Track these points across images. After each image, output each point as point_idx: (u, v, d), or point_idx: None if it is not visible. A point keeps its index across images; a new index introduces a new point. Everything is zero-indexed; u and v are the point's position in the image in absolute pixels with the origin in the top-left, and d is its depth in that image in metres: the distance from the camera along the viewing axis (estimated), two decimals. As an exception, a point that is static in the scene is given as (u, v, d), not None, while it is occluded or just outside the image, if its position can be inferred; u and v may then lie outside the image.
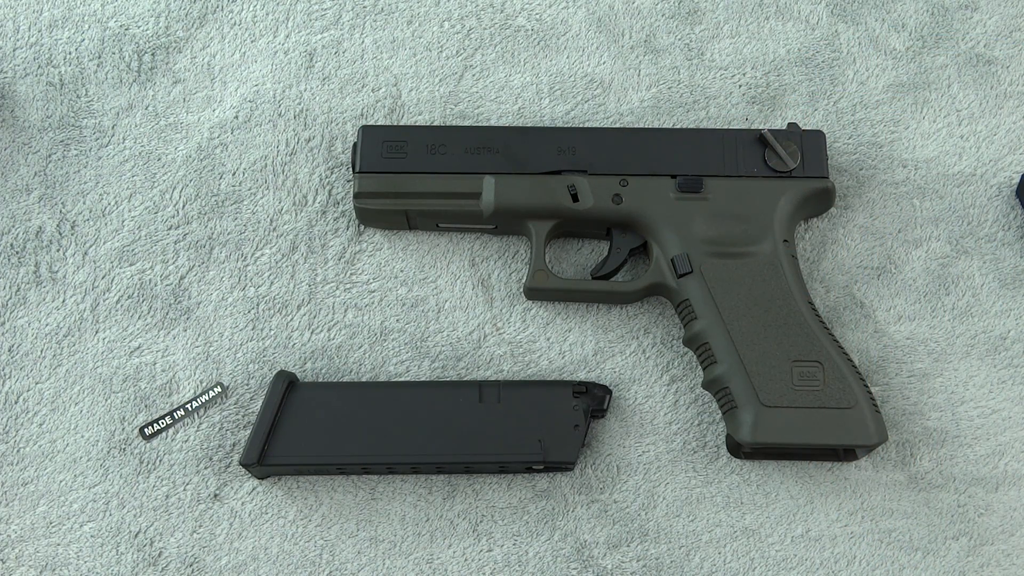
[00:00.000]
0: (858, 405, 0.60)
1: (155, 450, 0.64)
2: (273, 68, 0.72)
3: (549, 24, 0.73)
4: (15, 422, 0.65)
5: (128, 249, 0.68)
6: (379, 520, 0.63)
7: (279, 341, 0.66)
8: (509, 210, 0.65)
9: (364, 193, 0.65)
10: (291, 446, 0.61)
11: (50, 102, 0.71)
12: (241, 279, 0.68)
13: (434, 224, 0.67)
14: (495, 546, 0.63)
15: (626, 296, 0.65)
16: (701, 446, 0.64)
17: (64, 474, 0.64)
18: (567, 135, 0.66)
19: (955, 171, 0.69)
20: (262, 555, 0.63)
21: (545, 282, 0.65)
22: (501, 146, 0.66)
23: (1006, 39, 0.72)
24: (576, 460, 0.61)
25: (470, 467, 0.62)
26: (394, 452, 0.61)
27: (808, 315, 0.62)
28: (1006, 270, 0.67)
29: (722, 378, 0.61)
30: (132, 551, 0.63)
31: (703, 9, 0.73)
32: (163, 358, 0.66)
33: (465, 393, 0.63)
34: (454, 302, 0.67)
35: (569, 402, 0.62)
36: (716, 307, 0.62)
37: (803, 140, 0.66)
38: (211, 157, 0.70)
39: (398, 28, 0.73)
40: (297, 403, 0.62)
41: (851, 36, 0.72)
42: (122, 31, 0.73)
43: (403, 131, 0.67)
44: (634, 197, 0.65)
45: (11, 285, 0.67)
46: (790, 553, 0.62)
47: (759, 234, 0.64)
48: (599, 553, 0.62)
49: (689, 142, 0.66)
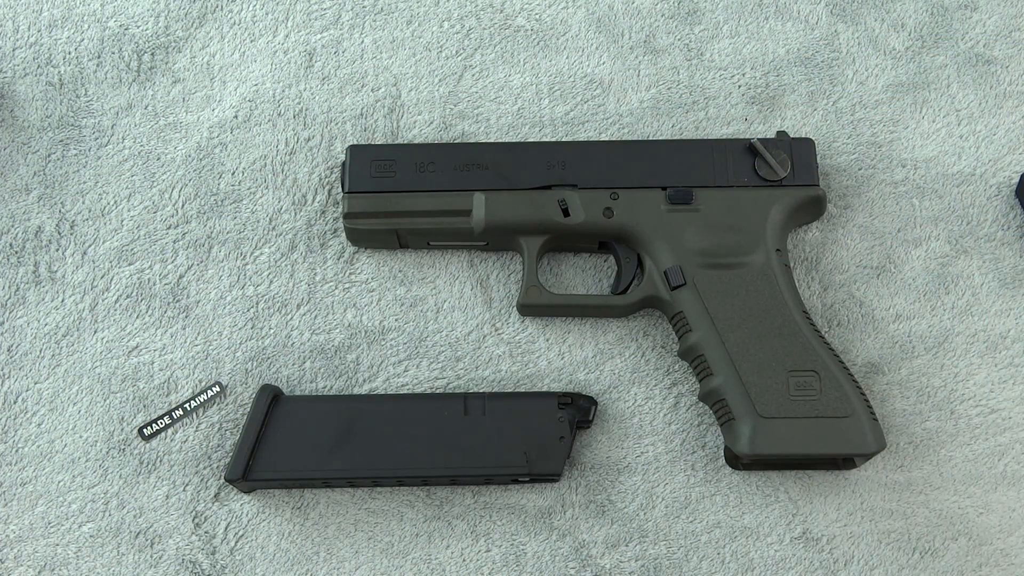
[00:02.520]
0: (855, 414, 0.60)
1: (154, 450, 0.64)
2: (273, 68, 0.72)
3: (549, 24, 0.73)
4: (14, 422, 0.65)
5: (127, 248, 0.68)
6: (377, 520, 0.63)
7: (278, 340, 0.66)
8: (500, 226, 0.65)
9: (354, 213, 0.65)
10: (276, 460, 0.61)
11: (49, 102, 0.71)
12: (240, 278, 0.68)
13: (425, 242, 0.67)
14: (493, 546, 0.63)
15: (620, 310, 0.65)
16: (700, 447, 0.64)
17: (63, 474, 0.64)
18: (556, 149, 0.66)
19: (954, 171, 0.69)
20: (260, 555, 0.63)
21: (538, 298, 0.65)
22: (490, 162, 0.66)
23: (1005, 39, 0.72)
24: (562, 472, 0.61)
25: (456, 479, 0.62)
26: (379, 465, 0.61)
27: (803, 324, 0.62)
28: (1006, 269, 0.67)
29: (718, 390, 0.61)
30: (132, 551, 0.63)
31: (702, 9, 0.73)
32: (161, 357, 0.66)
33: (450, 405, 0.63)
34: (453, 302, 0.67)
35: (555, 413, 0.62)
36: (710, 319, 0.62)
37: (792, 148, 0.66)
38: (210, 156, 0.70)
39: (398, 28, 0.73)
40: (281, 417, 0.62)
41: (850, 36, 0.72)
42: (122, 31, 0.73)
43: (392, 149, 0.66)
44: (625, 210, 0.65)
45: (10, 285, 0.67)
46: (789, 553, 0.62)
47: (751, 244, 0.64)
48: (598, 553, 0.62)
49: (679, 153, 0.66)
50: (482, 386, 0.66)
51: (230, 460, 0.62)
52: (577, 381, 0.66)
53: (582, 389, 0.66)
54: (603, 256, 0.69)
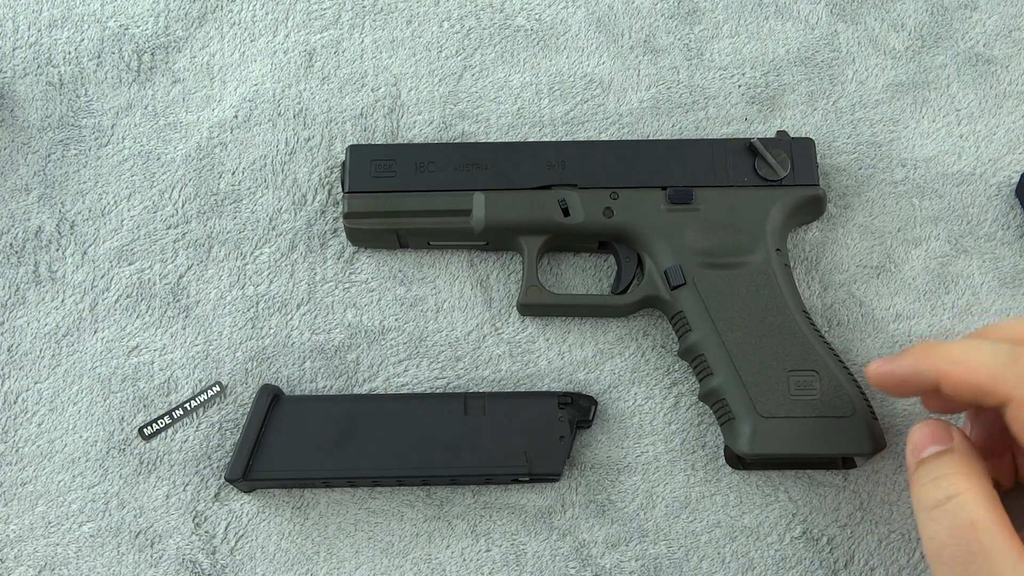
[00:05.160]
0: (856, 413, 0.60)
1: (154, 450, 0.64)
2: (272, 68, 0.72)
3: (549, 24, 0.73)
4: (14, 422, 0.65)
5: (127, 248, 0.68)
6: (377, 520, 0.63)
7: (278, 340, 0.66)
8: (500, 226, 0.65)
9: (354, 213, 0.65)
10: (276, 460, 0.61)
11: (49, 102, 0.71)
12: (240, 278, 0.68)
13: (425, 242, 0.67)
14: (493, 546, 0.63)
15: (620, 310, 0.65)
16: (700, 446, 0.64)
17: (63, 474, 0.64)
18: (556, 149, 0.66)
19: (954, 170, 0.69)
20: (260, 554, 0.63)
21: (538, 298, 0.65)
22: (490, 162, 0.66)
23: (1005, 39, 0.72)
24: (562, 472, 0.61)
25: (456, 479, 0.62)
26: (379, 465, 0.61)
27: (803, 324, 0.62)
28: (1006, 269, 0.67)
29: (718, 390, 0.61)
30: (132, 551, 0.63)
31: (702, 9, 0.73)
32: (161, 357, 0.66)
33: (450, 405, 0.63)
34: (453, 302, 0.67)
35: (555, 413, 0.62)
36: (710, 319, 0.62)
37: (793, 148, 0.66)
38: (210, 156, 0.70)
39: (397, 28, 0.73)
40: (281, 417, 0.62)
41: (850, 36, 0.72)
42: (121, 31, 0.73)
43: (391, 149, 0.66)
44: (625, 210, 0.65)
45: (10, 285, 0.67)
46: (789, 553, 0.62)
47: (751, 244, 0.64)
48: (598, 552, 0.62)
49: (678, 153, 0.66)
50: (482, 386, 0.66)
51: (230, 460, 0.62)
52: (577, 381, 0.66)
53: (582, 389, 0.66)
54: (603, 256, 0.69)
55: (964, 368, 0.49)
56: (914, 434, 0.52)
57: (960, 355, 0.50)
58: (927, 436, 0.51)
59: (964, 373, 0.49)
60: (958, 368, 0.49)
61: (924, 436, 0.51)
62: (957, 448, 0.50)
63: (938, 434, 0.51)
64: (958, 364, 0.49)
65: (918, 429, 0.52)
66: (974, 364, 0.49)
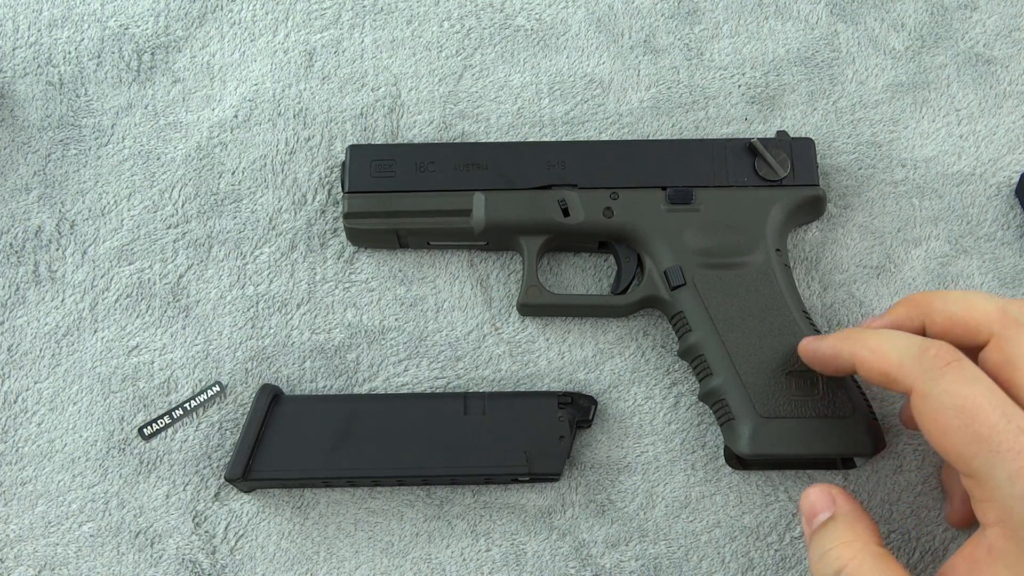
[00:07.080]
0: (856, 413, 0.60)
1: (154, 450, 0.64)
2: (272, 67, 0.72)
3: (549, 24, 0.73)
4: (14, 422, 0.65)
5: (127, 248, 0.68)
6: (377, 519, 0.63)
7: (278, 340, 0.66)
8: (500, 226, 0.65)
9: (354, 213, 0.65)
10: (276, 460, 0.61)
11: (49, 102, 0.71)
12: (240, 278, 0.68)
13: (425, 242, 0.67)
14: (493, 545, 0.63)
15: (620, 310, 0.65)
16: (700, 446, 0.64)
17: (63, 474, 0.64)
18: (556, 149, 0.66)
19: (954, 170, 0.69)
20: (260, 554, 0.63)
21: (538, 298, 0.65)
22: (490, 162, 0.66)
23: (1005, 39, 0.72)
24: (562, 471, 0.61)
25: (456, 479, 0.62)
26: (379, 465, 0.61)
27: (803, 324, 0.62)
28: (1005, 269, 0.67)
29: (718, 390, 0.61)
30: (132, 551, 0.63)
31: (702, 9, 0.73)
32: (161, 357, 0.66)
33: (450, 404, 0.63)
34: (453, 302, 0.67)
35: (554, 413, 0.62)
36: (710, 319, 0.62)
37: (792, 148, 0.66)
38: (210, 156, 0.70)
39: (398, 28, 0.73)
40: (281, 417, 0.62)
41: (850, 36, 0.72)
42: (122, 31, 0.73)
43: (391, 149, 0.66)
44: (625, 210, 0.65)
45: (10, 284, 0.67)
46: (789, 553, 0.62)
47: (751, 244, 0.64)
48: (598, 552, 0.62)
49: (678, 153, 0.66)
50: (482, 386, 0.66)
51: (230, 460, 0.62)
52: (577, 381, 0.66)
53: (582, 389, 0.66)
54: (603, 256, 0.69)
55: (876, 356, 0.52)
56: (803, 502, 0.54)
57: (875, 343, 0.52)
58: (814, 505, 0.54)
59: (875, 361, 0.52)
60: (871, 356, 0.52)
61: (811, 505, 0.54)
62: (839, 514, 0.53)
63: (822, 501, 0.54)
64: (872, 352, 0.52)
65: (805, 496, 0.54)
66: (885, 353, 0.52)
